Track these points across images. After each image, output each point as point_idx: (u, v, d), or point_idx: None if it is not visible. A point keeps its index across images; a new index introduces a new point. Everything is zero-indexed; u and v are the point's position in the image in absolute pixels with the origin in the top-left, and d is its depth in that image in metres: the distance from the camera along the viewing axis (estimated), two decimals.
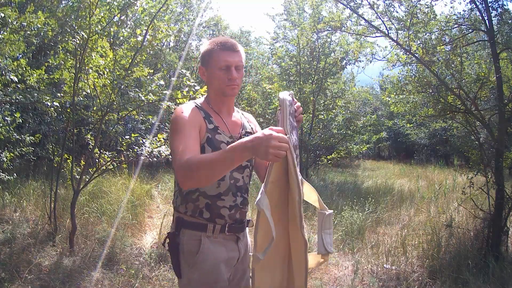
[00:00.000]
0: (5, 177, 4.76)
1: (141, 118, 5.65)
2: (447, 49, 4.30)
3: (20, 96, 3.68)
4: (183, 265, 1.42)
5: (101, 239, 3.98)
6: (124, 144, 4.27)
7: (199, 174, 1.21)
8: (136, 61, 3.88)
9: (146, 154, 4.00)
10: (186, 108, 1.45)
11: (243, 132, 1.56)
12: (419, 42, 4.24)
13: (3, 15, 3.60)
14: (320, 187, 8.11)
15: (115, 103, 3.74)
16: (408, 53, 4.27)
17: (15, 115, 4.43)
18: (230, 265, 1.50)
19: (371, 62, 5.50)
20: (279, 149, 1.10)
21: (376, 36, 4.82)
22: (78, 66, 3.63)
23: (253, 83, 12.26)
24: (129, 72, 3.76)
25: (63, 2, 4.57)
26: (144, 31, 3.82)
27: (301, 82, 9.73)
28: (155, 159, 4.05)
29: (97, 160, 4.09)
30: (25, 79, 4.05)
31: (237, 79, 1.46)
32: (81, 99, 4.18)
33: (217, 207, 1.45)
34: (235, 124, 1.56)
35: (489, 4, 3.99)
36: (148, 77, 3.89)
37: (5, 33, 3.82)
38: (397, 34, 4.29)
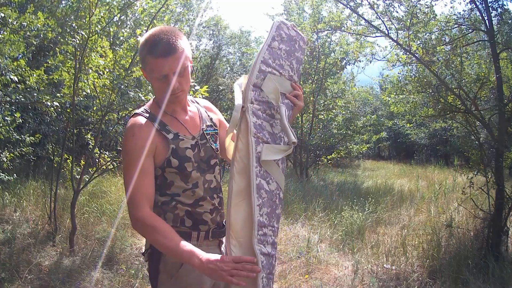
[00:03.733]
0: (5, 177, 4.77)
1: None
2: (447, 49, 4.30)
3: (20, 96, 3.68)
4: (162, 276, 1.34)
5: (101, 239, 3.98)
6: None
7: (150, 239, 1.32)
8: (136, 61, 3.88)
9: None
10: (137, 129, 1.29)
11: (204, 127, 1.44)
12: (419, 42, 4.24)
13: (3, 15, 3.60)
14: (320, 187, 8.11)
15: (115, 103, 3.74)
16: (408, 53, 4.27)
17: (15, 115, 4.43)
18: None
19: (371, 62, 5.48)
20: (231, 273, 1.13)
21: (376, 36, 4.82)
22: (77, 66, 3.64)
23: None
24: (129, 72, 3.77)
25: (63, 2, 4.56)
26: (144, 31, 3.82)
27: (301, 82, 9.72)
28: None
29: (97, 160, 4.09)
30: (24, 79, 4.05)
31: (181, 85, 1.29)
32: (81, 99, 4.18)
33: (198, 213, 1.36)
34: (194, 120, 1.43)
35: (489, 4, 3.99)
36: None
37: (5, 33, 3.82)
38: (397, 34, 4.29)
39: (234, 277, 1.12)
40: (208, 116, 1.51)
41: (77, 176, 4.02)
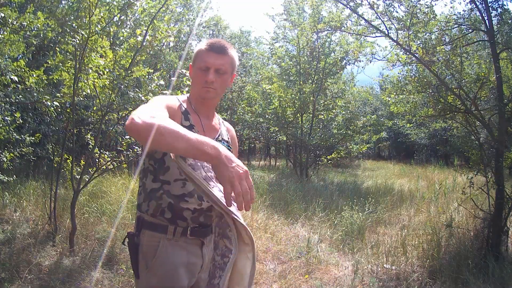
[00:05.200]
0: (4, 178, 4.77)
1: None
2: (447, 49, 4.30)
3: (20, 96, 3.68)
4: (141, 266, 1.37)
5: (101, 239, 3.98)
6: (124, 144, 4.26)
7: (156, 131, 1.05)
8: (136, 60, 3.88)
9: None
10: (171, 97, 1.46)
11: (220, 138, 1.52)
12: (419, 42, 4.24)
13: (3, 15, 3.60)
14: (320, 187, 8.11)
15: (115, 103, 3.74)
16: (408, 53, 4.27)
17: (15, 115, 4.43)
18: (192, 271, 1.41)
19: (371, 62, 5.50)
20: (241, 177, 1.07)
21: (376, 36, 4.82)
22: (77, 66, 3.63)
23: (253, 83, 12.26)
24: (129, 72, 3.76)
25: (63, 2, 4.56)
26: (144, 31, 3.82)
27: (301, 82, 9.73)
28: None
29: (97, 160, 4.09)
30: (24, 80, 4.05)
31: (214, 83, 1.40)
32: (81, 99, 4.18)
33: (180, 208, 1.38)
34: (212, 128, 1.52)
35: (489, 4, 3.99)
36: (148, 76, 3.89)
37: (5, 33, 3.82)
38: (397, 34, 4.29)
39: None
40: (227, 134, 1.61)
41: (77, 176, 4.02)
